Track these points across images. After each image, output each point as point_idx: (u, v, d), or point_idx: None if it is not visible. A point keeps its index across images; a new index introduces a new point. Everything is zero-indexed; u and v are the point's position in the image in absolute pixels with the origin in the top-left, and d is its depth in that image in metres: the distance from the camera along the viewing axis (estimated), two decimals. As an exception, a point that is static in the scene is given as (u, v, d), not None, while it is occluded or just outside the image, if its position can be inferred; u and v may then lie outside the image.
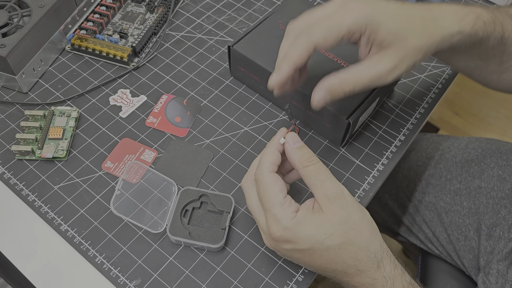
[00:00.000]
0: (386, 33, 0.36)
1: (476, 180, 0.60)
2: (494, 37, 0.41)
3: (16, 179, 0.45)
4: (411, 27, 0.37)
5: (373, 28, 0.36)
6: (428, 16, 0.38)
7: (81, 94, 0.52)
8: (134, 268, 0.40)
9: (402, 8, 0.37)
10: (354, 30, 0.36)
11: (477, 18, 0.39)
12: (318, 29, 0.36)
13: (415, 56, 0.37)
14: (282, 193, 0.35)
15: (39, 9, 0.52)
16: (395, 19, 0.36)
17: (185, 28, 0.60)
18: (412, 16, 0.37)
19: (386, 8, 0.36)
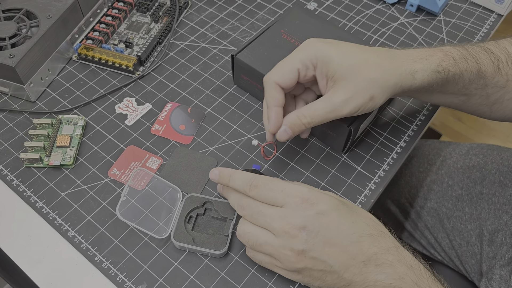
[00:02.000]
0: (337, 65, 0.39)
1: (477, 186, 0.60)
2: (469, 72, 0.42)
3: (24, 186, 0.46)
4: (364, 61, 0.39)
5: (324, 61, 0.39)
6: (385, 55, 0.40)
7: (87, 102, 0.53)
8: (140, 273, 0.41)
9: (357, 47, 0.40)
10: (306, 63, 0.40)
11: (444, 56, 0.41)
12: (275, 69, 0.41)
13: (369, 89, 0.39)
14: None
15: (46, 20, 0.53)
16: (347, 54, 0.39)
17: (189, 37, 0.61)
18: (367, 53, 0.40)
19: (341, 46, 0.40)
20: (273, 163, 0.49)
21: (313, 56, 0.39)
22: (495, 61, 0.43)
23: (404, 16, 0.65)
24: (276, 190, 0.37)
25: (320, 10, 0.65)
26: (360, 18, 0.64)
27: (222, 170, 0.40)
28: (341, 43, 0.41)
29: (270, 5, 0.65)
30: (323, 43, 0.40)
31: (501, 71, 0.43)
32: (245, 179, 0.39)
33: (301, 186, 0.38)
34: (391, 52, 0.41)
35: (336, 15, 0.65)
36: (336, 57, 0.39)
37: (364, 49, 0.40)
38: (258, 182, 0.38)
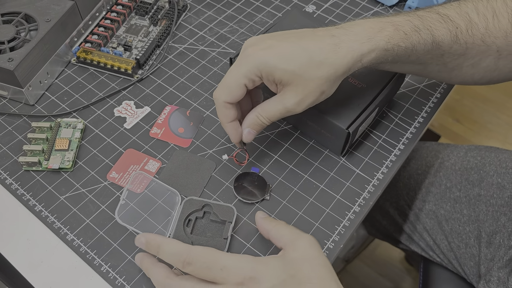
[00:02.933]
0: (281, 73, 0.38)
1: (475, 188, 0.60)
2: (422, 44, 0.40)
3: (23, 189, 0.46)
4: (307, 61, 0.38)
5: (268, 72, 0.38)
6: (329, 45, 0.38)
7: (86, 106, 0.53)
8: (138, 277, 0.41)
9: (298, 45, 0.38)
10: (251, 77, 0.39)
11: (394, 30, 0.39)
12: (222, 88, 0.40)
13: (319, 86, 0.39)
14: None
15: (45, 23, 0.53)
16: (289, 59, 0.38)
17: (188, 40, 0.61)
18: (309, 48, 0.38)
19: (280, 49, 0.38)
20: (272, 167, 0.49)
21: (256, 69, 0.38)
22: (453, 30, 0.41)
23: (402, 18, 0.65)
24: (214, 268, 0.34)
25: (319, 13, 0.65)
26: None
27: (150, 240, 0.37)
28: (281, 43, 0.39)
29: (269, 8, 0.66)
30: (262, 50, 0.38)
31: (459, 40, 0.41)
32: (176, 253, 0.36)
33: (243, 261, 0.35)
34: (335, 38, 0.39)
35: (335, 17, 0.65)
36: (279, 64, 0.38)
37: (306, 43, 0.38)
38: (191, 259, 0.35)
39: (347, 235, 0.44)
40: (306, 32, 0.40)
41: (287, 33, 0.41)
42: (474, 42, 0.42)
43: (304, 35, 0.40)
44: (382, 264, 1.11)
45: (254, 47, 0.39)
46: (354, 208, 0.46)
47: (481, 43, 0.42)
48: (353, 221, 0.45)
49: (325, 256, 0.37)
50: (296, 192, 0.47)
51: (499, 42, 0.42)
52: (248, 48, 0.39)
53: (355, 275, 1.09)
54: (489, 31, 0.42)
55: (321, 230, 0.44)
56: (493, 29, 0.42)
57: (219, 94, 0.41)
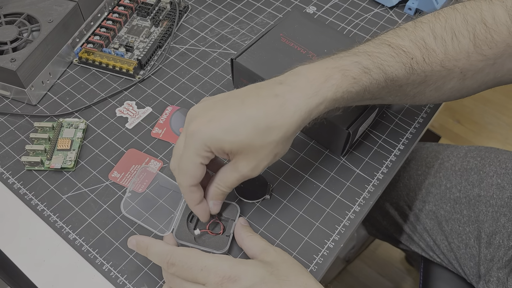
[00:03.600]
0: (230, 145, 0.36)
1: (475, 188, 0.60)
2: (375, 84, 0.38)
3: (25, 189, 0.47)
4: (254, 129, 0.36)
5: (216, 146, 0.36)
6: (272, 109, 0.36)
7: (88, 106, 0.54)
8: (140, 275, 0.41)
9: (241, 112, 0.36)
10: (203, 154, 0.37)
11: (342, 77, 0.36)
12: (183, 174, 0.39)
13: (271, 151, 0.37)
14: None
15: (48, 24, 0.53)
16: (234, 130, 0.36)
17: (189, 41, 0.61)
18: (254, 118, 0.36)
19: (223, 121, 0.36)
20: (272, 166, 0.49)
21: (205, 145, 0.36)
22: (407, 62, 0.38)
23: (402, 19, 0.65)
24: (195, 268, 0.35)
25: (319, 14, 0.66)
26: (358, 21, 0.65)
27: (140, 241, 0.39)
28: (224, 112, 0.36)
29: (270, 9, 0.66)
30: (205, 125, 0.36)
31: (416, 71, 0.39)
32: (161, 254, 0.37)
33: (222, 261, 0.36)
34: (279, 98, 0.36)
35: (335, 18, 0.65)
36: (225, 137, 0.36)
37: (249, 109, 0.36)
38: (174, 259, 0.36)
39: (347, 234, 0.45)
40: (249, 93, 0.37)
41: (230, 97, 0.38)
42: (433, 69, 0.39)
43: (247, 97, 0.37)
44: (382, 264, 1.11)
45: (197, 120, 0.37)
46: (354, 208, 0.46)
47: (441, 69, 0.39)
48: (353, 221, 0.45)
49: (296, 261, 0.40)
50: (296, 191, 0.47)
51: (462, 64, 0.39)
52: (191, 122, 0.37)
53: (356, 275, 1.10)
54: (449, 55, 0.39)
55: (321, 230, 0.45)
56: (452, 52, 0.39)
57: (182, 180, 0.39)
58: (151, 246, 0.38)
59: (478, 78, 0.41)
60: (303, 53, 0.52)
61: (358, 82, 0.37)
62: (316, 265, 0.43)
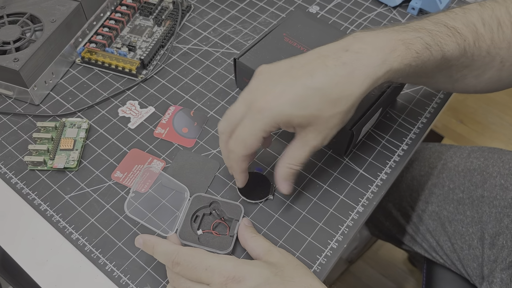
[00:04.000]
0: (300, 119, 0.36)
1: (478, 189, 0.60)
2: (432, 61, 0.39)
3: (28, 189, 0.47)
4: (324, 102, 0.36)
5: (285, 121, 0.36)
6: (342, 79, 0.36)
7: (91, 105, 0.54)
8: (143, 275, 0.41)
9: (311, 85, 0.36)
10: (268, 130, 0.37)
11: (406, 50, 0.37)
12: (239, 143, 0.39)
13: (340, 119, 0.38)
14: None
15: (50, 24, 0.53)
16: (304, 103, 0.36)
17: (192, 41, 0.61)
18: (324, 90, 0.36)
19: (293, 95, 0.36)
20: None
21: (273, 121, 0.36)
22: (461, 43, 0.40)
23: (405, 19, 0.65)
24: (200, 268, 0.36)
25: (322, 14, 0.66)
26: (362, 21, 0.65)
27: (146, 240, 0.39)
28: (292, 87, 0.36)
29: (273, 8, 0.66)
30: (275, 100, 0.36)
31: (467, 53, 0.41)
32: (167, 253, 0.37)
33: (227, 261, 0.36)
34: (348, 66, 0.36)
35: (338, 18, 0.65)
36: (295, 111, 0.36)
37: (319, 81, 0.36)
38: (179, 259, 0.36)
39: (351, 235, 0.44)
40: (315, 64, 0.37)
41: (294, 67, 0.37)
42: (480, 54, 0.41)
43: (314, 68, 0.36)
44: (385, 265, 1.11)
45: (265, 95, 0.36)
46: (358, 208, 0.46)
47: (486, 55, 0.41)
48: (357, 221, 0.45)
49: (301, 262, 0.40)
50: (299, 192, 0.47)
51: (503, 52, 0.42)
52: (258, 97, 0.37)
53: (358, 276, 1.09)
54: (494, 43, 0.41)
55: (324, 230, 0.44)
56: (497, 40, 0.41)
57: (236, 148, 0.39)
58: (157, 245, 0.38)
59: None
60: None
61: (420, 56, 0.38)
62: (320, 265, 0.42)
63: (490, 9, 0.42)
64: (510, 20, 0.41)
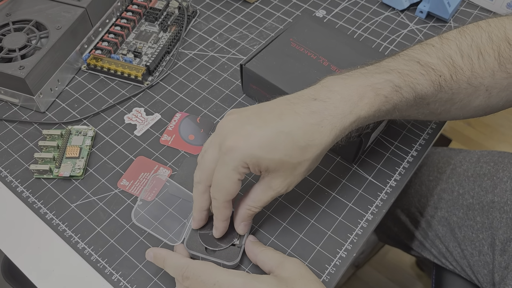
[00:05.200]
0: (268, 162, 0.36)
1: (489, 194, 0.59)
2: (404, 102, 0.38)
3: (34, 197, 0.46)
4: (292, 148, 0.36)
5: (254, 163, 0.36)
6: (311, 128, 0.36)
7: (96, 113, 0.53)
8: (149, 285, 0.41)
9: (280, 129, 0.36)
10: (241, 171, 0.37)
11: (375, 96, 0.37)
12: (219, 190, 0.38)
13: (307, 167, 0.37)
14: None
15: (56, 31, 0.53)
16: (273, 147, 0.35)
17: (197, 47, 0.61)
18: (293, 135, 0.36)
19: (262, 138, 0.35)
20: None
21: (243, 162, 0.36)
22: (436, 80, 0.39)
23: (413, 22, 0.64)
24: (208, 283, 0.35)
25: (329, 18, 0.65)
26: (369, 25, 0.64)
27: (157, 253, 0.39)
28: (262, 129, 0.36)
29: (279, 13, 0.65)
30: (244, 141, 0.35)
31: (444, 88, 0.39)
32: (177, 267, 0.37)
33: (236, 277, 0.36)
34: (316, 115, 0.36)
35: (345, 22, 0.64)
36: (264, 154, 0.35)
37: (288, 125, 0.36)
38: (189, 273, 0.36)
39: (360, 243, 0.44)
40: (284, 109, 0.37)
41: (263, 111, 0.37)
42: (460, 86, 0.40)
43: (284, 112, 0.36)
44: (392, 270, 1.10)
45: (233, 136, 0.36)
46: (367, 216, 0.45)
47: (467, 86, 0.40)
48: (366, 229, 0.45)
49: (314, 275, 0.39)
50: (308, 199, 0.47)
51: (487, 81, 0.40)
52: (227, 138, 0.36)
53: (365, 281, 1.09)
54: (475, 73, 0.39)
55: (333, 239, 0.44)
56: (479, 70, 0.39)
57: (218, 196, 0.38)
58: (168, 259, 0.38)
59: (503, 96, 0.41)
60: (314, 58, 0.51)
61: (389, 100, 0.37)
62: (328, 275, 0.42)
63: (470, 37, 0.40)
64: (492, 47, 0.39)
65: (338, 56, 0.51)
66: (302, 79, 0.49)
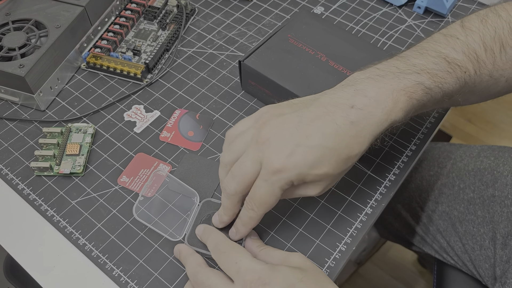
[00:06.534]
0: (313, 177, 0.36)
1: (489, 189, 0.59)
2: (432, 101, 0.39)
3: (35, 194, 0.47)
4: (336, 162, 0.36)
5: (300, 179, 0.36)
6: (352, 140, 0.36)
7: (96, 110, 0.54)
8: (150, 280, 0.41)
9: (325, 146, 0.35)
10: (286, 188, 0.37)
11: (408, 100, 0.37)
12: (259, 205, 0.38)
13: (342, 174, 0.38)
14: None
15: (55, 29, 0.54)
16: (319, 163, 0.35)
17: (196, 44, 0.61)
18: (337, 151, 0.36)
19: (309, 155, 0.35)
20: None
21: (289, 181, 0.36)
22: (462, 77, 0.39)
23: (411, 18, 0.64)
24: (230, 262, 0.37)
25: (327, 14, 0.65)
26: (367, 21, 0.64)
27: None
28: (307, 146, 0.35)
29: (277, 10, 0.66)
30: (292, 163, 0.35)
31: (468, 83, 0.40)
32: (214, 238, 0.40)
33: (256, 263, 0.36)
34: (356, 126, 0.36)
35: (343, 18, 0.64)
36: (311, 171, 0.36)
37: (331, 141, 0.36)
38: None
39: (359, 237, 0.44)
40: (324, 119, 0.36)
41: (303, 122, 0.36)
42: (482, 80, 0.41)
43: (325, 125, 0.36)
44: (394, 267, 1.10)
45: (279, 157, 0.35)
46: (366, 210, 0.46)
47: (489, 79, 0.41)
48: (366, 223, 0.45)
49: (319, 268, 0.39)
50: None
51: (507, 73, 0.41)
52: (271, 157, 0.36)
53: (367, 278, 1.08)
54: (497, 66, 0.40)
55: (333, 233, 0.44)
56: (500, 63, 0.40)
57: (259, 209, 0.38)
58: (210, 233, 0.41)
59: None
60: (312, 54, 0.51)
61: (420, 103, 0.38)
62: (328, 268, 0.42)
63: (493, 29, 0.40)
64: None
65: (336, 51, 0.51)
66: (300, 75, 0.49)
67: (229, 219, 0.41)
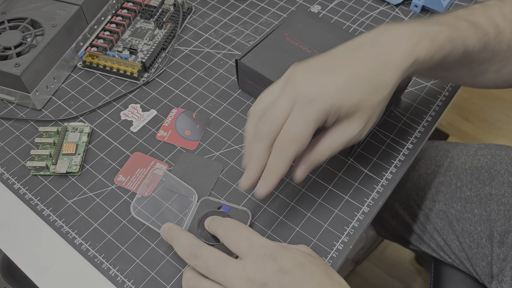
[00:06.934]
0: (347, 108, 0.36)
1: (486, 187, 0.59)
2: (454, 54, 0.39)
3: (31, 194, 0.47)
4: (367, 89, 0.36)
5: (335, 111, 0.36)
6: (379, 69, 0.37)
7: (93, 109, 0.53)
8: (147, 280, 0.41)
9: (354, 73, 0.36)
10: (320, 123, 0.36)
11: (431, 42, 0.37)
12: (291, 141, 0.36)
13: (379, 109, 0.38)
14: None
15: (51, 28, 0.53)
16: (351, 90, 0.36)
17: (193, 43, 0.61)
18: (366, 77, 0.36)
19: (340, 83, 0.36)
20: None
21: (326, 112, 0.36)
22: (483, 38, 0.40)
23: (408, 17, 0.64)
24: (242, 238, 0.36)
25: (324, 13, 0.65)
26: (364, 20, 0.64)
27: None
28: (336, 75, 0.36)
29: (274, 9, 0.65)
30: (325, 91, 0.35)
31: (488, 47, 0.41)
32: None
33: (268, 241, 0.36)
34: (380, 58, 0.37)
35: (340, 17, 0.64)
36: (344, 99, 0.36)
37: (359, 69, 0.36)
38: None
39: (356, 236, 0.44)
40: (348, 56, 0.38)
41: (330, 60, 0.38)
42: (501, 48, 0.41)
43: (349, 60, 0.37)
44: (392, 265, 1.10)
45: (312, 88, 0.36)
46: (363, 209, 0.46)
47: (507, 49, 0.42)
48: (362, 222, 0.45)
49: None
50: (304, 193, 0.47)
51: None
52: (304, 89, 0.36)
53: (365, 277, 1.09)
54: None
55: (330, 231, 0.44)
56: None
57: (291, 149, 0.36)
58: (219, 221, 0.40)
59: None
60: (309, 52, 0.51)
61: (443, 49, 0.38)
62: (325, 267, 0.42)
63: (510, 4, 0.42)
64: None
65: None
66: (297, 73, 0.49)
67: (256, 174, 0.38)
